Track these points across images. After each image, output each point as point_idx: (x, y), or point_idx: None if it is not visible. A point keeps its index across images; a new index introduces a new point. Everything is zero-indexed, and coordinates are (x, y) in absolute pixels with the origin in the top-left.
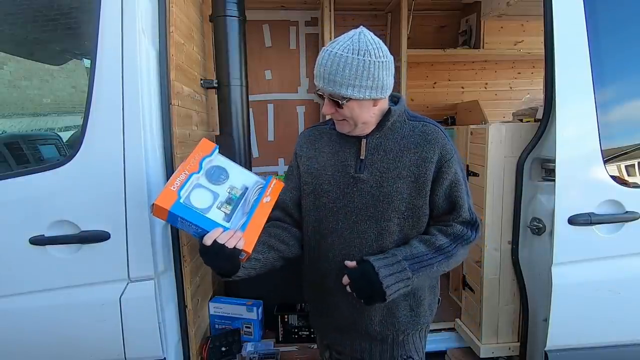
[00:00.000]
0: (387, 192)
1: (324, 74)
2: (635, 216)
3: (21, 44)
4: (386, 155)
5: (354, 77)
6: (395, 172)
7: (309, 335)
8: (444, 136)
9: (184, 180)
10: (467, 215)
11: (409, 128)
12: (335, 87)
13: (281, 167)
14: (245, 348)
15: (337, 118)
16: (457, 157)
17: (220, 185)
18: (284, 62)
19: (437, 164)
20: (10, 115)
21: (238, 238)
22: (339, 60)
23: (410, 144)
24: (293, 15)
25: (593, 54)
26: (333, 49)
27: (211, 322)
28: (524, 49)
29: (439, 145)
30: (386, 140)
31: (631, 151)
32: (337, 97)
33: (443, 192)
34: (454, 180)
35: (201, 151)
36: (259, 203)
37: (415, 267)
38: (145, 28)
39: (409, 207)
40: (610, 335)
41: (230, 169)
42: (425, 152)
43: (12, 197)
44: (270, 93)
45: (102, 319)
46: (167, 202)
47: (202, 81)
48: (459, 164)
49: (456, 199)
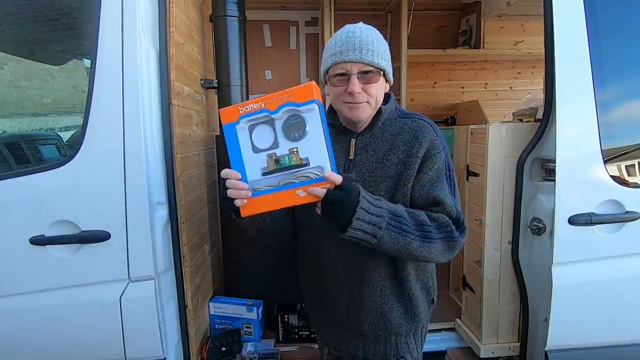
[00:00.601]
0: (373, 191)
1: (358, 44)
2: (635, 216)
3: (21, 44)
4: (375, 154)
5: (384, 51)
6: (382, 172)
7: (309, 335)
8: (433, 132)
9: (256, 110)
10: (453, 212)
11: (398, 126)
12: (374, 57)
13: None
14: (246, 348)
15: (360, 100)
16: (444, 156)
17: (287, 140)
18: (284, 62)
19: (422, 158)
20: (10, 115)
21: (242, 198)
22: (371, 34)
23: (399, 141)
24: (293, 15)
25: (593, 54)
26: (357, 26)
27: (211, 322)
28: (524, 49)
29: (426, 141)
30: (376, 139)
31: (631, 151)
32: (374, 69)
33: (421, 187)
34: (436, 176)
35: (294, 95)
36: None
37: (391, 224)
38: (145, 28)
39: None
40: (610, 336)
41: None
42: (412, 147)
43: (13, 197)
44: (271, 93)
45: (103, 319)
46: (226, 118)
47: (202, 81)
48: (445, 163)
49: (437, 195)
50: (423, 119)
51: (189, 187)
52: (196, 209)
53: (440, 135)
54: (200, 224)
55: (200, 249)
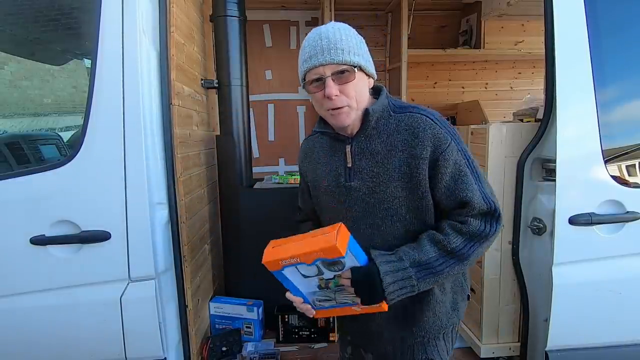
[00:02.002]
0: (381, 198)
1: (326, 45)
2: (635, 216)
3: (22, 44)
4: (374, 158)
5: (356, 46)
6: (386, 176)
7: (309, 335)
8: (433, 124)
9: (294, 263)
10: (483, 206)
11: (394, 123)
12: (344, 55)
13: (281, 167)
14: (246, 348)
15: (340, 103)
16: (455, 144)
17: (329, 270)
18: (284, 62)
19: (431, 158)
20: (11, 115)
21: (310, 313)
22: (338, 31)
23: (398, 141)
24: (293, 15)
25: (594, 54)
26: (325, 27)
27: (212, 322)
28: (525, 48)
29: (428, 137)
30: (371, 142)
31: (632, 151)
32: (347, 67)
33: (446, 189)
34: (456, 172)
35: (323, 253)
36: (349, 307)
37: (421, 275)
38: (145, 28)
39: (410, 210)
40: (610, 336)
41: (348, 265)
42: (414, 148)
43: (13, 197)
44: (271, 93)
45: (103, 319)
46: (272, 267)
47: (202, 81)
48: (460, 150)
49: (463, 192)
50: (420, 112)
51: (189, 187)
52: (196, 209)
53: (443, 123)
54: (201, 224)
55: (200, 249)
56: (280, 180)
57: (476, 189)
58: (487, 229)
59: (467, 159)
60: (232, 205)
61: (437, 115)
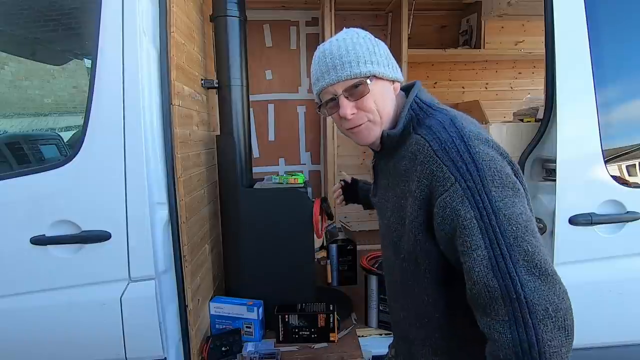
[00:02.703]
0: (387, 224)
1: (332, 63)
2: (636, 216)
3: (22, 44)
4: (387, 180)
5: (367, 53)
6: (391, 204)
7: (309, 335)
8: (432, 156)
9: None
10: (483, 289)
11: (408, 143)
12: (353, 68)
13: (282, 167)
14: (246, 348)
15: (358, 121)
16: (463, 187)
17: None
18: (284, 62)
19: (426, 201)
20: (11, 115)
21: None
22: (344, 43)
23: (402, 168)
24: (294, 15)
25: (594, 54)
26: (329, 42)
27: (212, 322)
28: (525, 48)
29: (425, 174)
30: (388, 161)
31: (632, 151)
32: (358, 81)
33: (447, 246)
34: (455, 227)
35: None
36: None
37: None
38: (146, 28)
39: (406, 250)
40: (611, 336)
41: None
42: (410, 181)
43: (13, 197)
44: (271, 93)
45: (103, 319)
46: None
47: (202, 81)
48: (469, 197)
49: (463, 258)
50: (425, 135)
51: (189, 187)
52: (197, 209)
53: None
54: (201, 224)
55: (200, 248)
56: (280, 180)
57: (481, 256)
58: (524, 335)
59: (483, 212)
60: (232, 205)
61: (448, 143)
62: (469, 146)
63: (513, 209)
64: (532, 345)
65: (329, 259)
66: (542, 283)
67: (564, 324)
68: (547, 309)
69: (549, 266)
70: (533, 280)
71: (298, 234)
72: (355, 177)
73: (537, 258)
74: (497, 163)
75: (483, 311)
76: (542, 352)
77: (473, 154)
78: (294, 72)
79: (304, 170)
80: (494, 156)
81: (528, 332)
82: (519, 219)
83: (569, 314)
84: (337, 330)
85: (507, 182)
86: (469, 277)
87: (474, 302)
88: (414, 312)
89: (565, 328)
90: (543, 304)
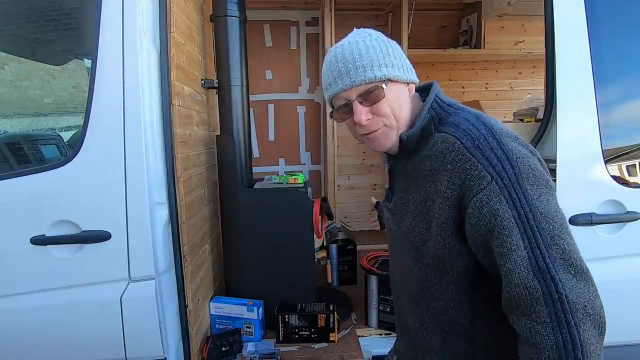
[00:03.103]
0: (407, 229)
1: (345, 68)
2: (636, 216)
3: (22, 44)
4: (407, 183)
5: (381, 55)
6: (413, 207)
7: (309, 335)
8: (466, 154)
9: None
10: (524, 292)
11: (431, 144)
12: (366, 72)
13: (282, 167)
14: (246, 348)
15: (373, 127)
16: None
17: None
18: (284, 62)
19: (458, 201)
20: (11, 115)
21: None
22: (357, 47)
23: (427, 169)
24: (294, 15)
25: (594, 54)
26: (341, 45)
27: (212, 322)
28: (525, 48)
29: (456, 173)
30: (407, 164)
31: (632, 151)
32: (373, 85)
33: (482, 247)
34: (492, 227)
35: None
36: None
37: None
38: (146, 28)
39: (431, 254)
40: (611, 336)
41: None
42: (438, 181)
43: (14, 197)
44: (271, 93)
45: (103, 319)
46: None
47: (202, 81)
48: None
49: (501, 260)
50: (455, 132)
51: (189, 187)
52: (197, 209)
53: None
54: (201, 224)
55: (200, 248)
56: (281, 180)
57: (521, 257)
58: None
59: (520, 210)
60: (232, 205)
61: (481, 140)
62: (501, 143)
63: (549, 207)
64: (576, 346)
65: (329, 259)
66: (579, 281)
67: (600, 322)
68: (585, 307)
69: (583, 264)
70: (570, 279)
71: (298, 234)
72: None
73: (573, 256)
74: (530, 160)
75: (522, 313)
76: (584, 353)
77: (506, 151)
78: (294, 72)
79: (304, 170)
80: (526, 153)
81: (571, 333)
82: (555, 217)
83: (602, 312)
84: (337, 330)
85: (541, 179)
86: (508, 279)
87: (512, 304)
88: (436, 320)
89: (601, 326)
90: (582, 303)
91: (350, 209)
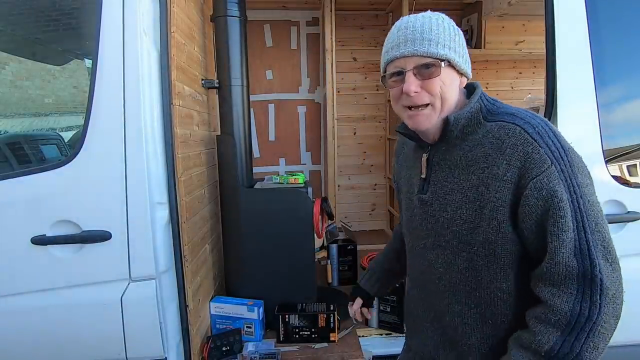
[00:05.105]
0: (450, 218)
1: (411, 35)
2: (637, 216)
3: (23, 44)
4: (451, 172)
5: (448, 37)
6: (460, 195)
7: (309, 335)
8: (528, 139)
9: None
10: (571, 264)
11: (482, 133)
12: (431, 46)
13: (282, 167)
14: (247, 348)
15: (419, 101)
16: (559, 170)
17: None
18: (285, 62)
19: (517, 183)
20: (12, 115)
21: None
22: (429, 21)
23: (480, 155)
24: (294, 15)
25: (594, 54)
26: (414, 16)
27: (212, 321)
28: (526, 48)
29: (517, 156)
30: (452, 152)
31: (633, 151)
32: (433, 61)
33: (534, 228)
34: (548, 208)
35: None
36: None
37: None
38: (146, 28)
39: (481, 241)
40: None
41: None
42: (496, 166)
43: (14, 197)
44: (272, 93)
45: (104, 319)
46: None
47: (203, 81)
48: (564, 180)
49: (550, 238)
50: (515, 121)
51: (189, 187)
52: (197, 208)
53: (547, 139)
54: (201, 223)
55: (201, 248)
56: (281, 180)
57: (569, 238)
58: (585, 311)
59: (573, 195)
60: (232, 205)
61: (540, 128)
62: (556, 134)
63: (593, 196)
64: (589, 321)
65: (329, 259)
66: (613, 270)
67: (618, 314)
68: (615, 295)
69: (616, 255)
70: (607, 266)
71: (298, 234)
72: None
73: (610, 245)
74: (576, 153)
75: (552, 283)
76: (593, 330)
77: (561, 141)
78: (295, 72)
79: (305, 170)
80: (572, 147)
81: (592, 310)
82: (597, 206)
83: (622, 303)
84: (337, 330)
85: (586, 171)
86: (551, 256)
87: (545, 277)
88: (480, 311)
89: (618, 316)
90: (613, 290)
91: (350, 209)
